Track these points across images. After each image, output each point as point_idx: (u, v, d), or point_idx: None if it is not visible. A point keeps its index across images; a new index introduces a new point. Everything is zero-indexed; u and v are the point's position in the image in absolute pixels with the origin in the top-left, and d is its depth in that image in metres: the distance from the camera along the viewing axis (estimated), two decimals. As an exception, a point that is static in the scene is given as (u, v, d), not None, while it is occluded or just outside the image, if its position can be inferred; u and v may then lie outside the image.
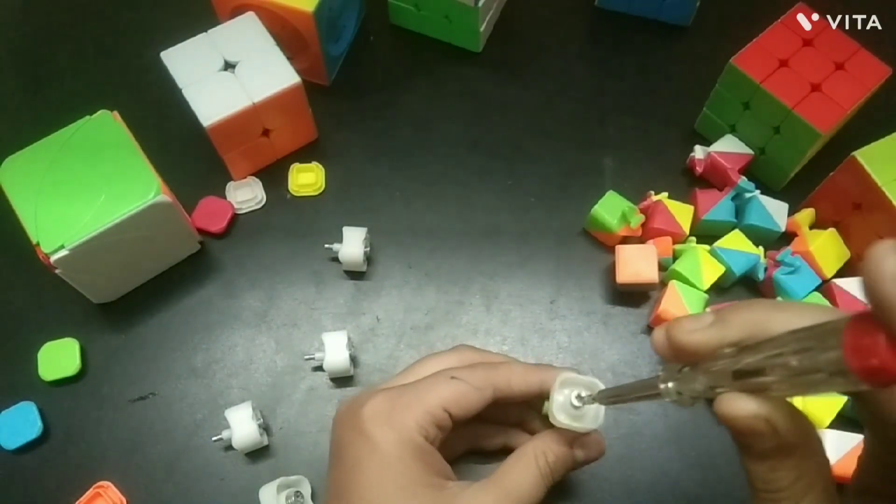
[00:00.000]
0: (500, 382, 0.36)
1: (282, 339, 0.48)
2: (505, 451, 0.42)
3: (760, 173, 0.52)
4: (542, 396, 0.36)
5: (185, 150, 0.52)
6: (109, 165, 0.44)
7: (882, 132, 0.46)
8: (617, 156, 0.54)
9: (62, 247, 0.41)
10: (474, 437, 0.41)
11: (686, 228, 0.49)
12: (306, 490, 0.43)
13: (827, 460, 0.25)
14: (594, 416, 0.34)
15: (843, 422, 0.44)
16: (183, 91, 0.47)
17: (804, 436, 0.23)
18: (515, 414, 0.41)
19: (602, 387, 0.34)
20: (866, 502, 0.26)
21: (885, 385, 0.18)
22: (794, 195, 0.51)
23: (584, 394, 0.34)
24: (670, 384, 0.27)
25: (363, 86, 0.57)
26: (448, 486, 0.33)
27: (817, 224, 0.51)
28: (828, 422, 0.43)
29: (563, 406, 0.34)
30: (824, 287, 0.48)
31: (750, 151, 0.51)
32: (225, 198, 0.52)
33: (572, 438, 0.35)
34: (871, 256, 0.17)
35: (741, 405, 0.22)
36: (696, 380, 0.25)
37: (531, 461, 0.34)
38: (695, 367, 0.26)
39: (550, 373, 0.35)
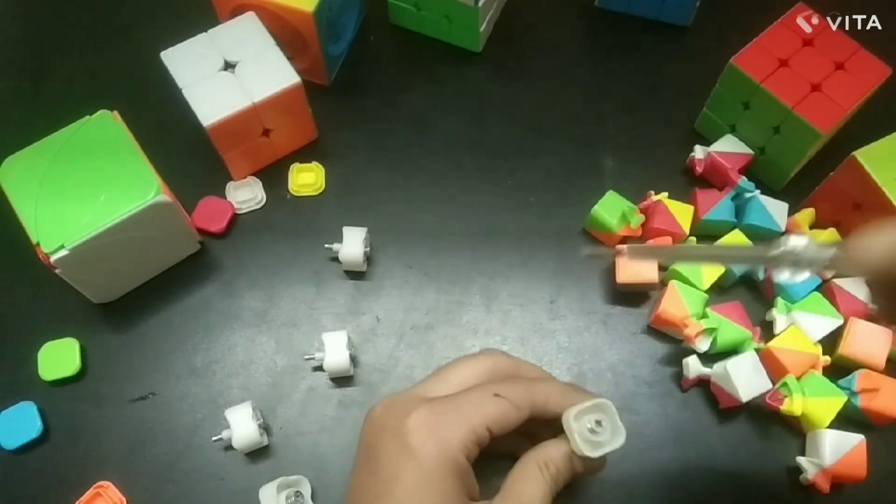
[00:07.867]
0: (539, 401, 0.35)
1: (282, 339, 0.48)
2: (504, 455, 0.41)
3: (760, 173, 0.52)
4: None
5: (185, 150, 0.52)
6: (109, 165, 0.44)
7: (882, 132, 0.46)
8: (617, 156, 0.54)
9: (62, 247, 0.41)
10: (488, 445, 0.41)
11: (686, 228, 0.49)
12: (306, 490, 0.43)
13: None
14: (611, 440, 0.34)
15: (843, 422, 0.44)
16: (183, 91, 0.47)
17: None
18: (531, 426, 0.40)
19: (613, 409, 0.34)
20: None
21: None
22: (794, 195, 0.51)
23: (600, 419, 0.33)
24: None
25: (363, 86, 0.57)
26: None
27: (817, 224, 0.50)
28: (828, 422, 0.43)
29: (584, 436, 0.34)
30: (824, 287, 0.48)
31: (750, 151, 0.51)
32: (225, 198, 0.52)
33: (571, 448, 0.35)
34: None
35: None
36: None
37: (538, 473, 0.34)
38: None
39: (584, 396, 0.35)
